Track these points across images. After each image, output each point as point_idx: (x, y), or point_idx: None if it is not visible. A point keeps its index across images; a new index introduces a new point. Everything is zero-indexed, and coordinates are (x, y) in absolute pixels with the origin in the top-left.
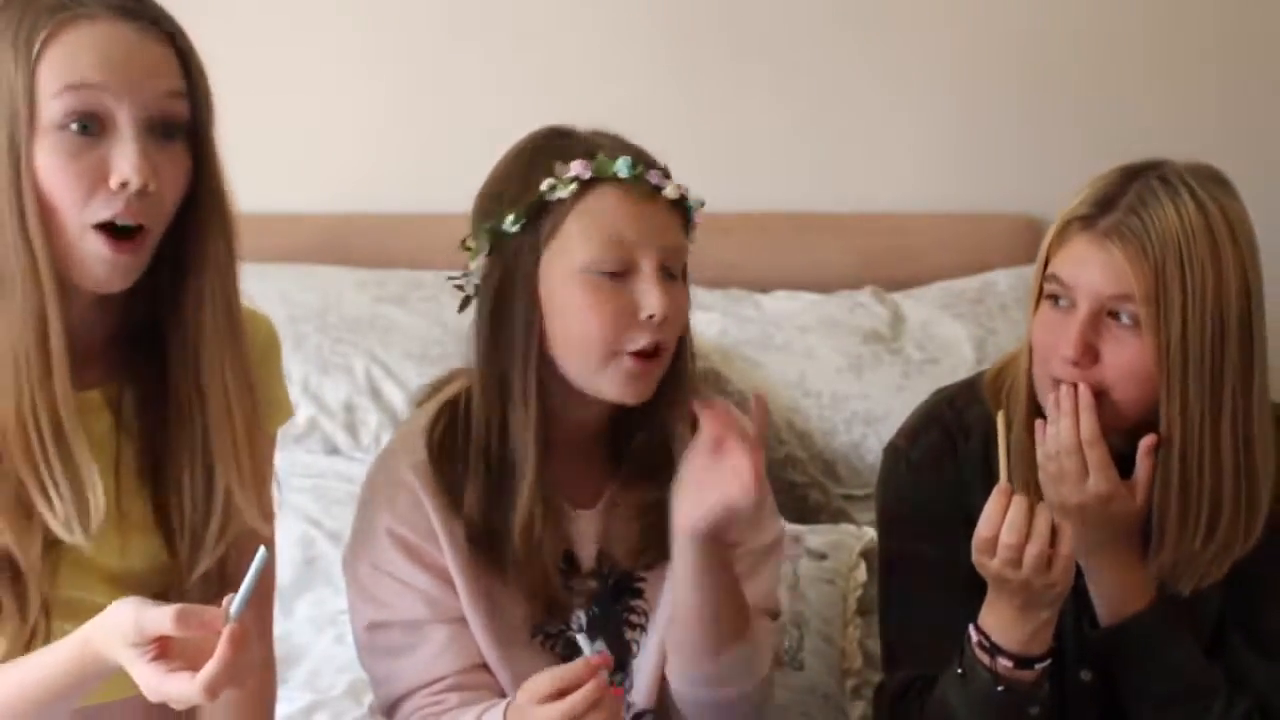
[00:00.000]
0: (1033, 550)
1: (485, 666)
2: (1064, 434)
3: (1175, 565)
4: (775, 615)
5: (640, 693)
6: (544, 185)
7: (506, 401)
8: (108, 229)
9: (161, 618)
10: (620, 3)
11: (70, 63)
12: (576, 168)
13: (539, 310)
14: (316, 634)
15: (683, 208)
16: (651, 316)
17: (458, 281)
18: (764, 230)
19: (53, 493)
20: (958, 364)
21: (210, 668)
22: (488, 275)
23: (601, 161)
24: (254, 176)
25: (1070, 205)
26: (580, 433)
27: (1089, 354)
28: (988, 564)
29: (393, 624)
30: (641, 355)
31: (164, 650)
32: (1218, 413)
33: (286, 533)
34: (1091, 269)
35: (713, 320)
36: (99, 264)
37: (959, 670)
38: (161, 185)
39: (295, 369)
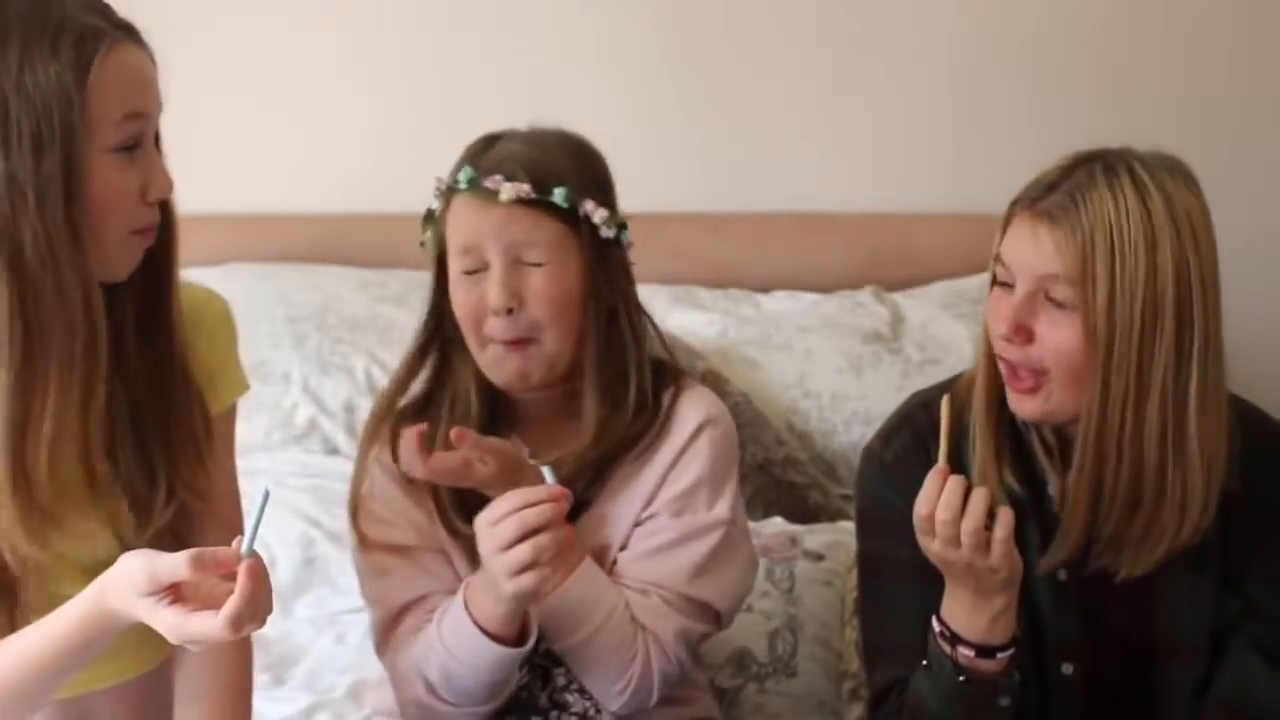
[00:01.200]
0: (967, 527)
1: None
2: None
3: (1099, 547)
4: (691, 598)
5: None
6: (434, 204)
7: (444, 369)
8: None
9: (176, 563)
10: (620, 3)
11: (126, 91)
12: (436, 182)
13: (447, 297)
14: (316, 634)
15: (542, 204)
16: (494, 309)
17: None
18: (764, 230)
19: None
20: (958, 364)
21: (233, 602)
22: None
23: (453, 174)
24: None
25: (1020, 190)
26: (537, 405)
27: (1021, 332)
28: (929, 544)
29: (382, 546)
30: (505, 343)
31: (178, 596)
32: (1142, 398)
33: (286, 533)
34: (1025, 248)
35: (713, 320)
36: (130, 260)
37: (925, 662)
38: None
39: (295, 369)
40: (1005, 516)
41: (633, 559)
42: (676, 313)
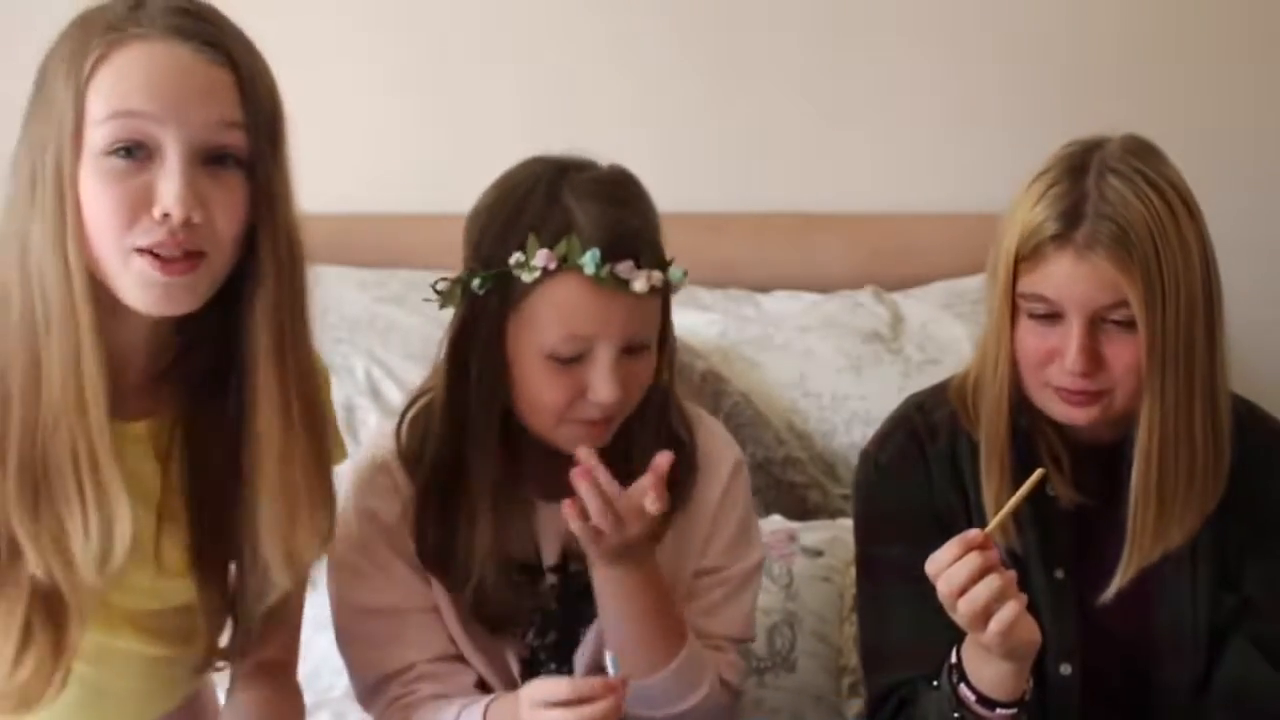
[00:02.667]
0: (963, 608)
1: (455, 655)
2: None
3: (1150, 549)
4: (747, 641)
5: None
6: (512, 260)
7: (465, 444)
8: (153, 251)
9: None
10: (622, 6)
11: (118, 88)
12: (542, 258)
13: (504, 367)
14: (316, 634)
15: (657, 291)
16: (606, 402)
17: (439, 287)
18: (764, 230)
19: (83, 530)
20: (958, 364)
21: None
22: (458, 321)
23: (571, 249)
24: None
25: (1027, 219)
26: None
27: (1094, 362)
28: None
29: (367, 609)
30: (592, 422)
31: None
32: (1190, 391)
33: None
34: (1082, 285)
35: (713, 320)
36: (148, 286)
37: (935, 684)
38: (212, 215)
39: None
40: (1007, 611)
41: (701, 613)
42: (676, 313)
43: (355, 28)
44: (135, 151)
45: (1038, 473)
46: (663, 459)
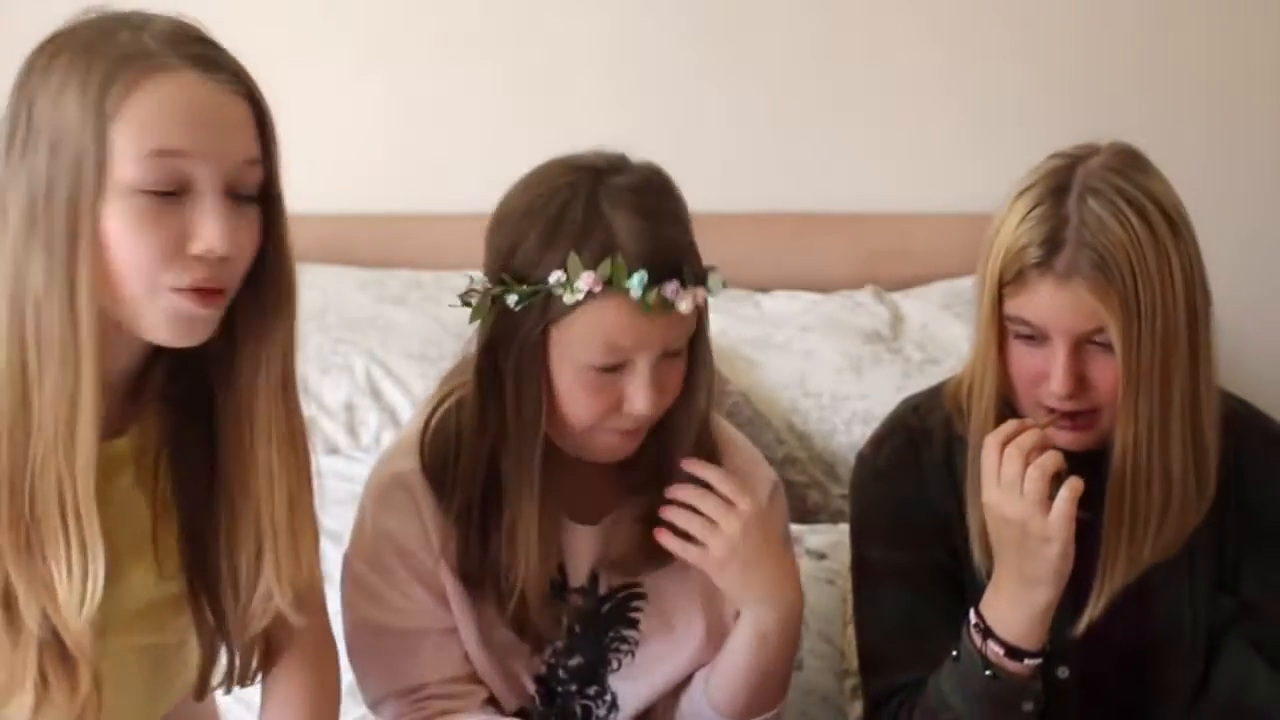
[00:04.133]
0: (1034, 474)
1: (468, 676)
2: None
3: (1123, 570)
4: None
5: (625, 716)
6: (553, 279)
7: (503, 458)
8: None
9: None
10: (621, 4)
11: (153, 124)
12: (587, 281)
13: (543, 380)
14: None
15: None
16: (644, 413)
17: (466, 297)
18: (764, 230)
19: (66, 572)
20: (958, 364)
21: None
22: (489, 332)
23: (617, 271)
24: None
25: (1011, 242)
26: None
27: (1079, 384)
28: (990, 494)
29: (381, 627)
30: (626, 432)
31: None
32: (1166, 414)
33: None
34: (1062, 312)
35: (713, 320)
36: (177, 321)
37: (954, 655)
38: (241, 249)
39: (295, 368)
40: (1074, 484)
41: None
42: None
43: (354, 27)
44: (171, 190)
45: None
46: (689, 463)
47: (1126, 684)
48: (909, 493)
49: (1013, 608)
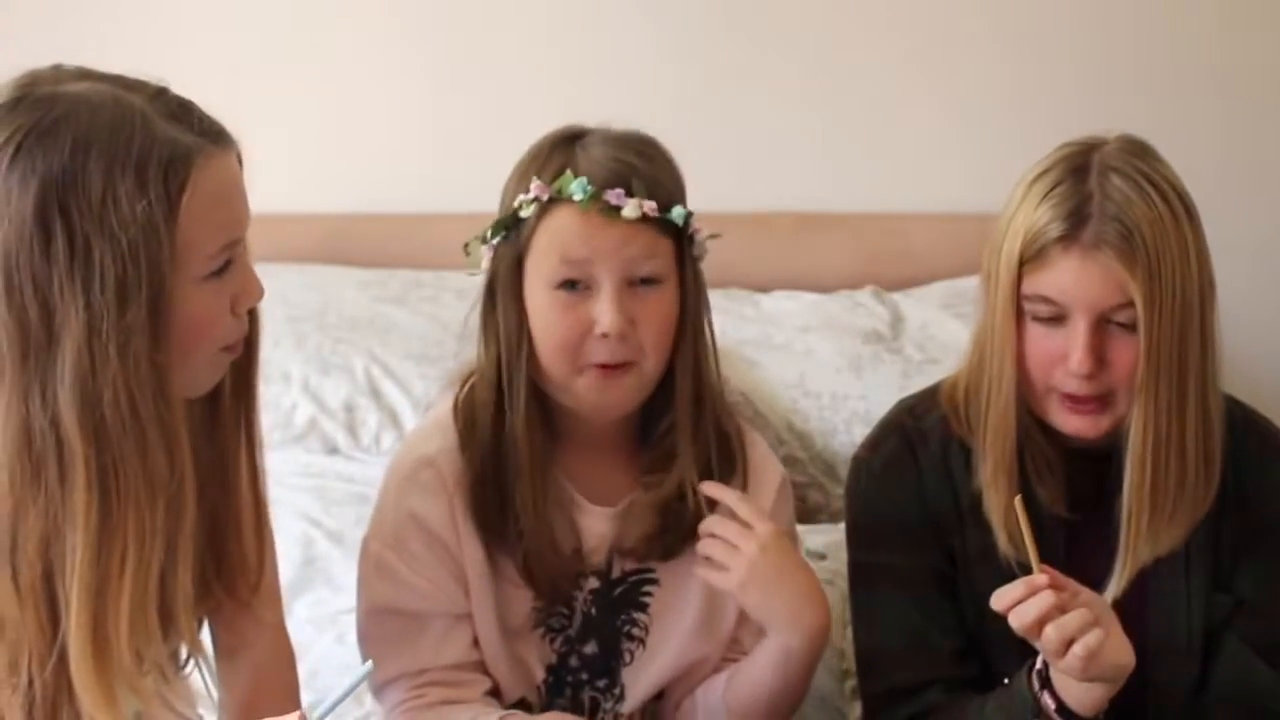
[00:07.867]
0: (1050, 634)
1: (472, 665)
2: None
3: (1143, 555)
4: None
5: (630, 705)
6: (516, 201)
7: (501, 401)
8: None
9: None
10: (618, 7)
11: (220, 216)
12: (535, 189)
13: (525, 316)
14: (317, 634)
15: (657, 221)
16: (605, 333)
17: (474, 273)
18: (764, 230)
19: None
20: (958, 364)
21: None
22: (483, 281)
23: (562, 182)
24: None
25: (1030, 221)
26: (601, 430)
27: (1098, 363)
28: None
29: (394, 608)
30: (605, 368)
31: None
32: (1184, 394)
33: (286, 533)
34: (1089, 284)
35: (713, 320)
36: (215, 375)
37: (1006, 681)
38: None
39: (295, 369)
40: (1092, 639)
41: (754, 634)
42: None
43: (356, 29)
44: (227, 268)
45: (1017, 501)
46: (708, 486)
47: (1124, 684)
48: (905, 495)
49: (1081, 690)
